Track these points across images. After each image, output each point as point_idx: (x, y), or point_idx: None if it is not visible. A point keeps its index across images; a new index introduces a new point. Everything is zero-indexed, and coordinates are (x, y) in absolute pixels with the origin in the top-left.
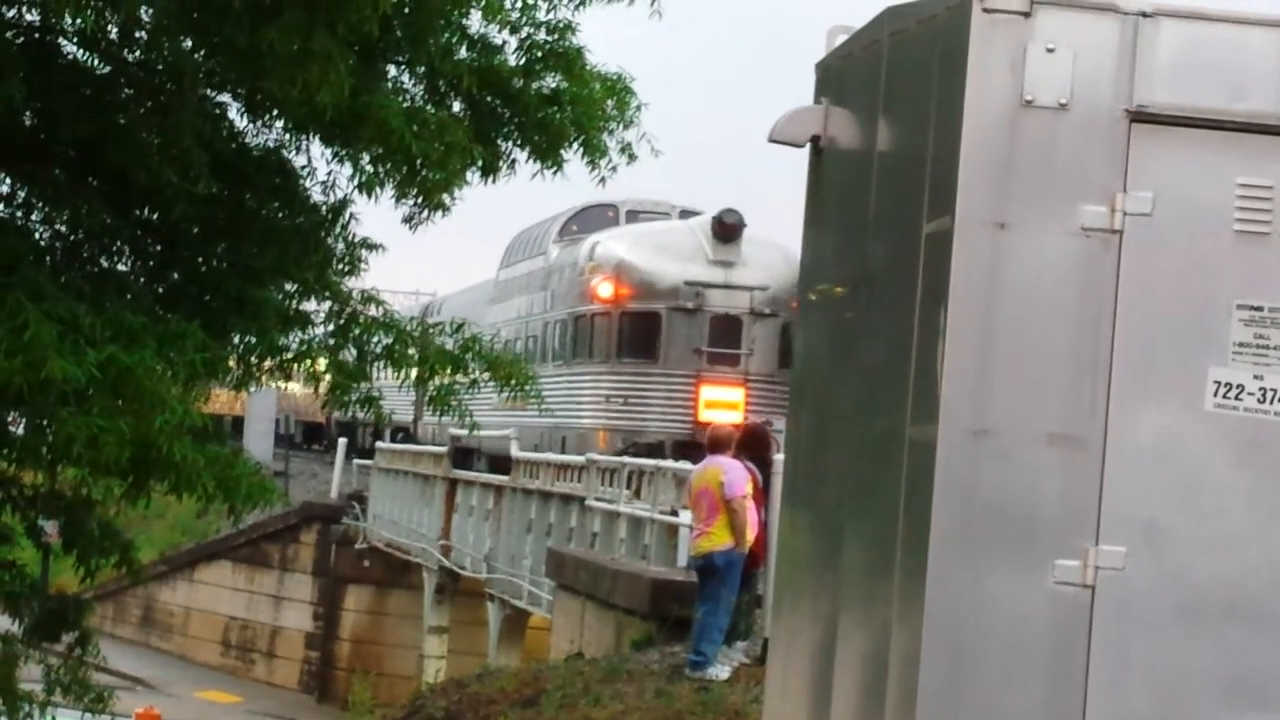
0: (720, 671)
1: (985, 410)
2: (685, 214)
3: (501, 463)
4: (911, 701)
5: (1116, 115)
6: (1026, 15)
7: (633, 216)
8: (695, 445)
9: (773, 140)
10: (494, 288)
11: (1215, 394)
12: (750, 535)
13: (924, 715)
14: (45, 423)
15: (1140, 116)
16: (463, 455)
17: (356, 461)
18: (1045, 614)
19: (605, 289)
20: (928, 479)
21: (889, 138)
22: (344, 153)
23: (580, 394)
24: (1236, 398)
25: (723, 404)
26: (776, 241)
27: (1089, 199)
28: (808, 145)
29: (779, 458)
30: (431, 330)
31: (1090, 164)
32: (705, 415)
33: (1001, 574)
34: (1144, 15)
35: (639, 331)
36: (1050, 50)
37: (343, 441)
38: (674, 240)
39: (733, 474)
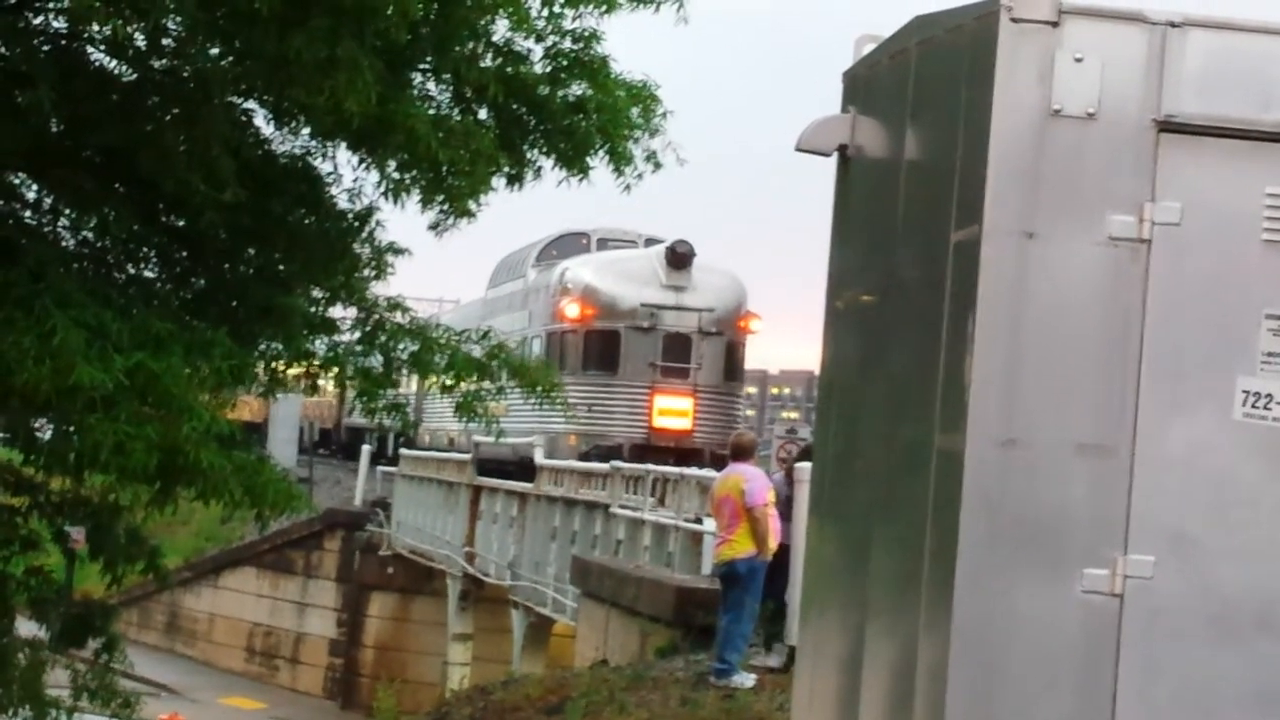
0: (745, 679)
1: (1013, 420)
2: (650, 241)
3: (490, 465)
4: (940, 712)
5: (1144, 125)
6: (1055, 25)
7: (602, 244)
8: (649, 448)
9: (800, 149)
10: (483, 305)
11: (1244, 403)
12: (773, 543)
13: None
14: (72, 429)
15: (1168, 126)
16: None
17: (380, 468)
18: (1074, 624)
19: (573, 310)
20: (956, 488)
21: (917, 146)
22: (370, 160)
23: (553, 406)
24: (1265, 407)
25: (674, 411)
26: (723, 268)
27: (1117, 208)
28: (835, 154)
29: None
30: (457, 337)
31: (1118, 173)
32: (658, 421)
33: (1030, 583)
34: (1172, 25)
35: (602, 347)
36: (1078, 60)
37: (366, 448)
38: (633, 267)
39: (754, 482)
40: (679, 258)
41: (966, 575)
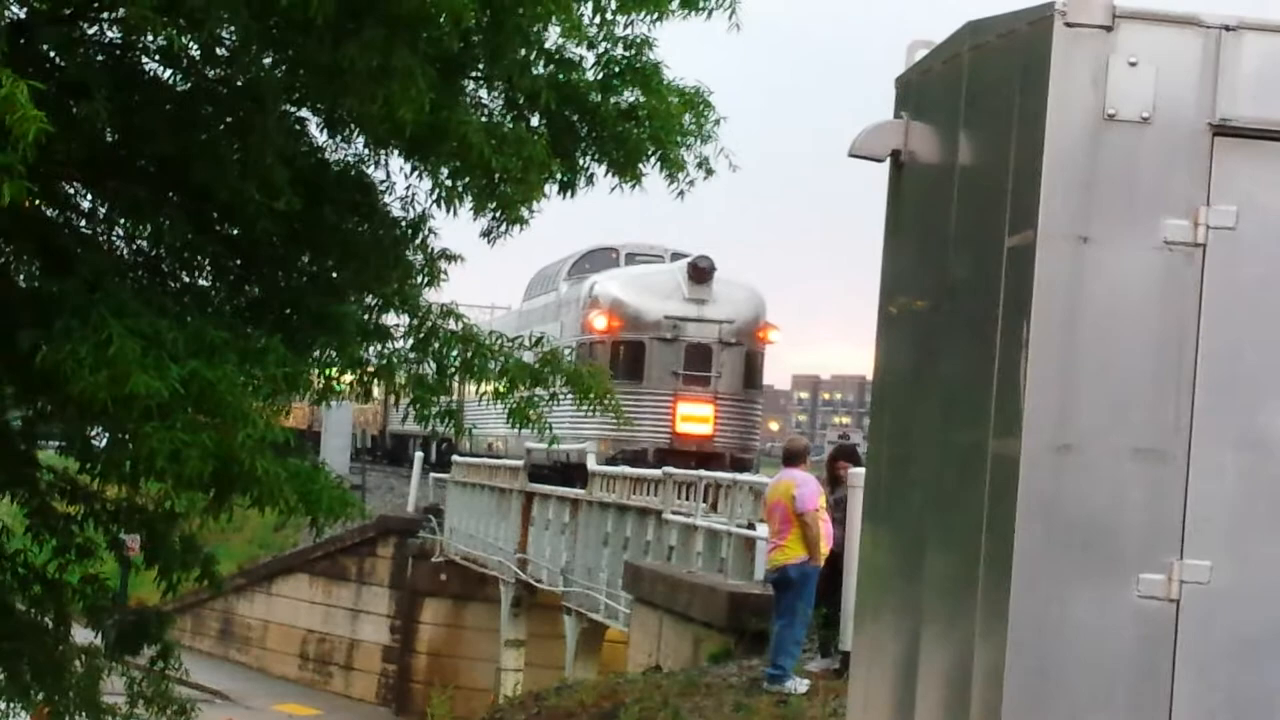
0: (798, 685)
1: (1069, 424)
2: (676, 256)
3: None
4: (996, 716)
5: (1199, 129)
6: (1109, 29)
7: (631, 259)
8: (672, 452)
9: (853, 155)
10: (518, 317)
11: None
12: (825, 548)
13: None
14: (127, 437)
15: (1223, 130)
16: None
17: (432, 475)
18: (1129, 629)
19: (601, 321)
20: (1011, 493)
21: (970, 152)
22: (423, 167)
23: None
24: None
25: (696, 418)
26: (742, 281)
27: (1172, 213)
28: (888, 160)
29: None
30: (510, 343)
31: (1173, 177)
32: (681, 427)
33: (1085, 588)
34: (1227, 28)
35: (628, 357)
36: (1133, 64)
37: (419, 455)
38: (658, 281)
39: (805, 488)
40: (700, 273)
41: (1022, 580)
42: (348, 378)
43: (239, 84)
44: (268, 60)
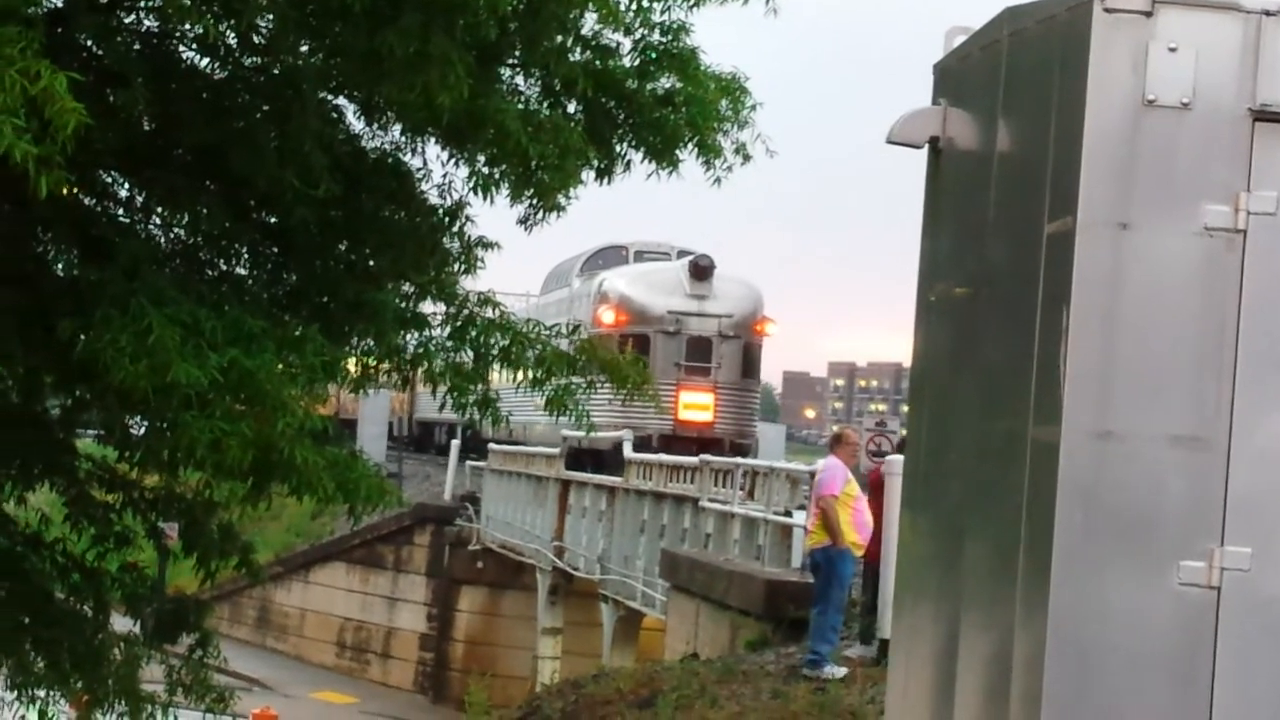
0: (836, 671)
1: (1108, 411)
2: (682, 254)
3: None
4: (1036, 704)
5: (1239, 114)
6: (1148, 14)
7: (639, 256)
8: (675, 438)
9: (891, 141)
10: (535, 311)
11: None
12: (854, 535)
13: (1048, 718)
14: (165, 426)
15: (1264, 115)
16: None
17: (469, 462)
18: (1170, 616)
19: (608, 316)
20: (1051, 481)
21: (1009, 138)
22: (460, 155)
23: (595, 398)
24: None
25: (697, 405)
26: (741, 277)
27: (1212, 198)
28: (926, 146)
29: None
30: (548, 331)
31: (1213, 163)
32: (683, 414)
33: (1126, 576)
34: (1267, 14)
35: (634, 349)
36: (1172, 49)
37: (455, 443)
38: (662, 278)
39: (825, 473)
40: (700, 270)
41: (1062, 568)
42: (385, 365)
43: (276, 72)
44: (304, 48)
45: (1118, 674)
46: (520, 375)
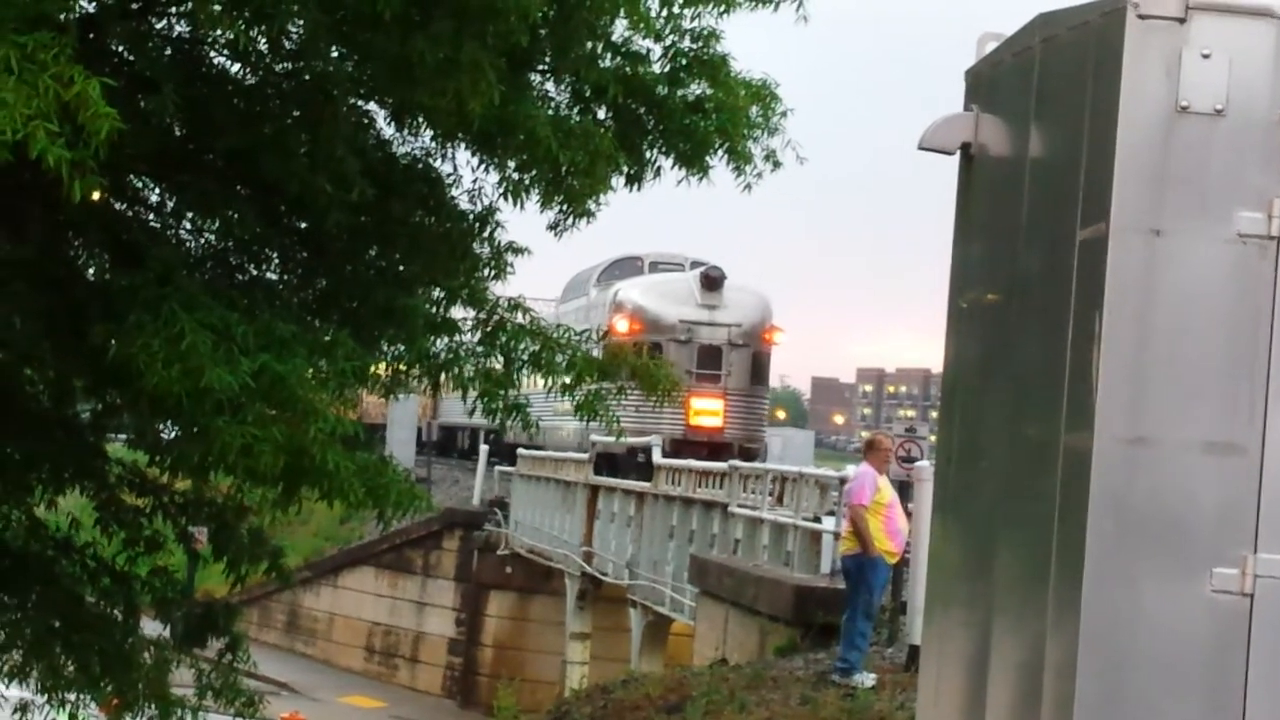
0: (865, 678)
1: (1141, 418)
2: (695, 264)
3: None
4: (1067, 711)
5: (1273, 120)
6: (1181, 21)
7: (654, 267)
8: (686, 443)
9: (922, 148)
10: (555, 319)
11: None
12: (887, 543)
13: None
14: (197, 431)
15: None
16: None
17: (497, 468)
18: (1203, 623)
19: (623, 325)
20: (1083, 487)
21: (1041, 144)
22: (490, 160)
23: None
24: None
25: (707, 412)
26: (750, 287)
27: (1245, 205)
28: (958, 152)
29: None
30: (578, 337)
31: (1246, 170)
32: (694, 420)
33: (1158, 582)
34: None
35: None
36: (1205, 56)
37: (484, 448)
38: (674, 288)
39: (855, 482)
40: (711, 281)
41: (1094, 574)
42: (415, 371)
43: (307, 78)
44: (335, 54)
45: (1149, 682)
46: (550, 381)
